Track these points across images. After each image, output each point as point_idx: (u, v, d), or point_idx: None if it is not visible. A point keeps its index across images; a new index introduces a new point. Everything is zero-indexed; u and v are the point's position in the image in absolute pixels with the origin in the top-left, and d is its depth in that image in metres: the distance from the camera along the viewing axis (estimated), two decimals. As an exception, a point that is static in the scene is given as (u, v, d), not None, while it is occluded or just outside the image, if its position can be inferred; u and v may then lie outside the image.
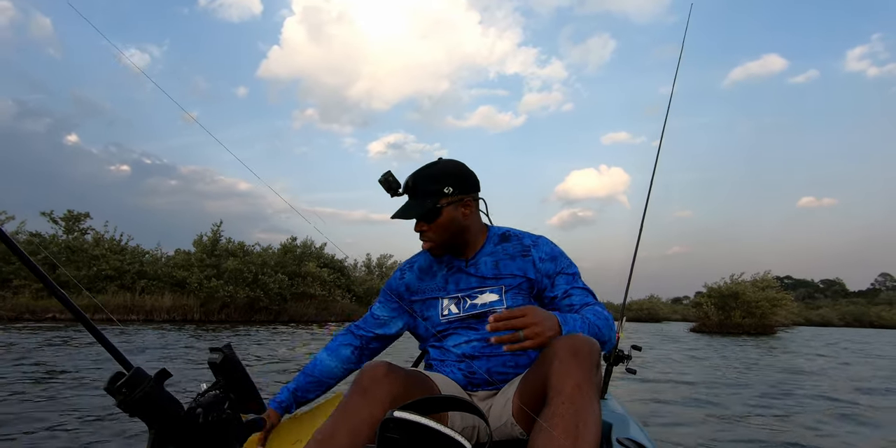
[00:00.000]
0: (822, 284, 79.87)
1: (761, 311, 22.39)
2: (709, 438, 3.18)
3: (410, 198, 1.34)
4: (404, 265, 1.52)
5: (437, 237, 1.34)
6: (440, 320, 1.36)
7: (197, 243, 19.34)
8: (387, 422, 0.71)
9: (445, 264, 1.42)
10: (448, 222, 1.33)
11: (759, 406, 4.38)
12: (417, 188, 1.33)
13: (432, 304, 1.40)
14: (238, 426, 0.92)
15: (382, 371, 1.06)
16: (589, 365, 0.97)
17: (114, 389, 0.77)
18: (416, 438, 0.71)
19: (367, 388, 1.03)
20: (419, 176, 1.33)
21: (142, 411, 0.79)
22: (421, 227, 1.34)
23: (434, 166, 1.35)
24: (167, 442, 0.81)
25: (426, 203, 1.31)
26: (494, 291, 1.34)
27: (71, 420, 3.04)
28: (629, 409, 1.66)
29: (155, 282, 17.76)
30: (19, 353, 6.24)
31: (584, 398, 0.92)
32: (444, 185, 1.32)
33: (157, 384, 0.81)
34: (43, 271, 0.77)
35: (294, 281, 19.89)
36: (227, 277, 18.02)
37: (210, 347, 0.93)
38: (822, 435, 3.33)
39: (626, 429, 1.35)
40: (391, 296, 1.47)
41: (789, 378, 6.34)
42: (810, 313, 46.48)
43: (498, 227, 1.46)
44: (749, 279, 24.45)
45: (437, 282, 1.41)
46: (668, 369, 7.04)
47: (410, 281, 1.46)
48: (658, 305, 47.21)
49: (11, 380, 4.36)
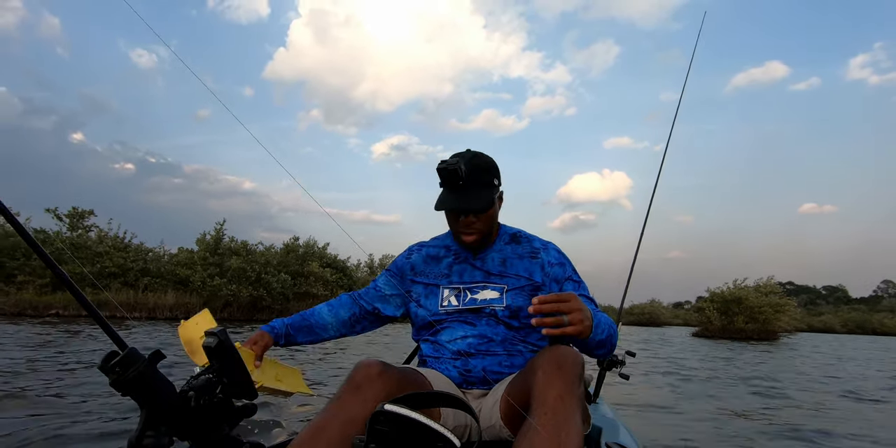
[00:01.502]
0: (825, 291, 79.42)
1: (764, 316, 22.29)
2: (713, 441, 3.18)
3: (463, 188, 1.28)
4: (414, 246, 1.51)
5: (484, 229, 1.33)
6: (438, 310, 1.36)
7: (200, 242, 19.38)
8: (377, 414, 0.72)
9: (453, 254, 1.41)
10: (494, 215, 1.34)
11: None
12: (474, 179, 1.28)
13: (433, 290, 1.39)
14: (229, 410, 0.93)
15: (376, 370, 1.07)
16: (572, 377, 0.98)
17: (107, 368, 0.79)
18: (405, 432, 0.71)
19: (360, 385, 1.05)
20: (474, 165, 1.28)
21: (134, 391, 0.80)
22: (471, 220, 1.30)
23: (478, 157, 1.31)
24: (158, 422, 0.83)
25: (486, 195, 1.29)
26: (496, 289, 1.34)
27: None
28: (624, 412, 1.68)
29: (158, 279, 17.82)
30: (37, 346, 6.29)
31: (566, 409, 0.93)
32: (493, 176, 1.32)
33: (151, 365, 0.82)
34: (52, 260, 0.78)
35: (297, 280, 19.90)
36: (231, 276, 18.05)
37: (206, 331, 0.94)
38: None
39: (615, 433, 1.38)
40: (396, 273, 1.47)
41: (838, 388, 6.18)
42: (812, 320, 46.19)
43: (509, 227, 1.47)
44: (752, 284, 24.34)
45: (441, 268, 1.41)
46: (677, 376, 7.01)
47: (416, 262, 1.45)
48: (659, 310, 46.91)
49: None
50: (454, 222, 1.34)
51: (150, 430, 0.81)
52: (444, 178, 1.28)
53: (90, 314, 0.80)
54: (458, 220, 1.32)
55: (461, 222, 1.31)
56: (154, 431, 0.82)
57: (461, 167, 1.25)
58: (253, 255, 19.48)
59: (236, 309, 18.23)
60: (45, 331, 9.01)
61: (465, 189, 1.28)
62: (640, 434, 1.85)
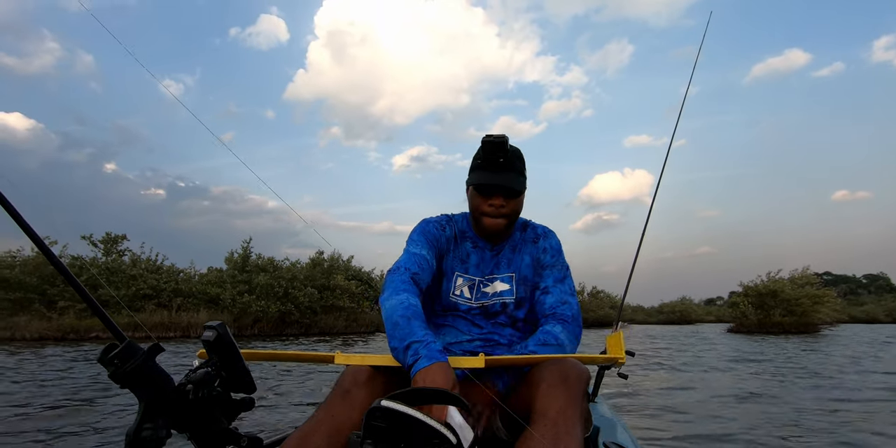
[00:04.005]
0: (865, 279, 76.36)
1: (802, 308, 21.55)
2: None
3: (501, 170, 1.26)
4: (443, 219, 1.42)
5: (511, 215, 1.31)
6: (450, 298, 1.34)
7: (228, 260, 19.79)
8: (373, 410, 0.72)
9: (470, 243, 1.39)
10: (521, 204, 1.33)
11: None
12: (513, 162, 1.27)
13: (449, 274, 1.36)
14: (228, 404, 0.95)
15: (365, 375, 1.08)
16: (576, 391, 0.98)
17: (106, 360, 0.80)
18: (401, 427, 0.72)
19: (349, 391, 1.06)
20: (513, 151, 1.28)
21: (132, 383, 0.82)
22: (500, 202, 1.28)
23: (512, 147, 1.30)
24: (156, 415, 0.84)
25: (522, 180, 1.29)
26: (506, 280, 1.34)
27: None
28: (623, 413, 1.68)
29: (190, 299, 18.22)
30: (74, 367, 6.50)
31: (567, 422, 0.93)
32: (524, 167, 1.32)
33: (149, 358, 0.85)
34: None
35: (323, 294, 20.10)
36: (259, 292, 18.35)
37: (205, 325, 0.96)
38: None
39: (613, 433, 1.39)
40: (433, 243, 1.34)
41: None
42: (854, 310, 44.42)
43: (520, 218, 1.46)
44: (787, 276, 23.58)
45: (461, 251, 1.38)
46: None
47: (450, 236, 1.38)
48: (690, 307, 45.84)
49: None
50: (482, 203, 1.29)
51: (149, 422, 0.83)
52: (489, 152, 1.24)
53: (88, 305, 0.83)
54: (487, 201, 1.28)
55: (489, 203, 1.28)
56: (152, 423, 0.83)
57: (507, 142, 1.23)
58: (279, 270, 19.77)
59: (266, 324, 18.48)
60: (93, 348, 9.35)
61: (504, 169, 1.26)
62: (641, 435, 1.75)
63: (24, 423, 3.32)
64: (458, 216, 1.44)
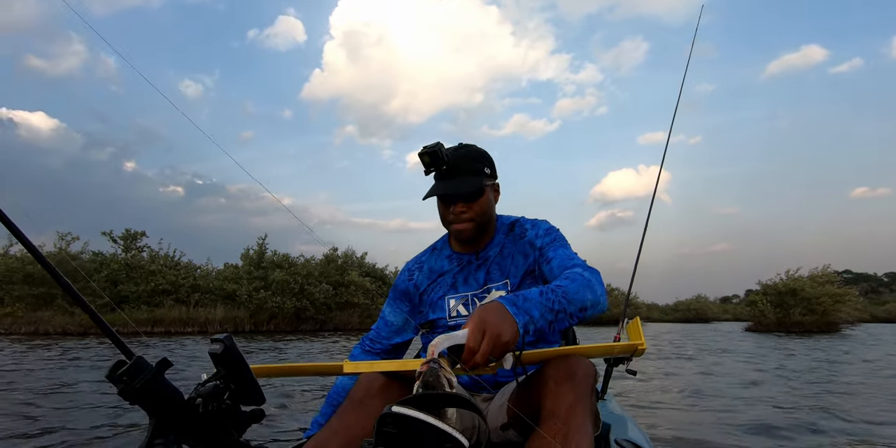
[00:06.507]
0: (887, 278, 74.67)
1: (823, 307, 21.13)
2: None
3: (449, 177, 1.25)
4: (412, 265, 1.45)
5: (477, 218, 1.28)
6: (447, 322, 1.33)
7: (244, 257, 20.02)
8: (384, 416, 0.71)
9: (455, 262, 1.38)
10: (486, 204, 1.30)
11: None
12: (460, 166, 1.26)
13: (440, 305, 1.35)
14: (238, 416, 0.95)
15: (378, 383, 1.06)
16: (584, 388, 0.97)
17: (115, 377, 0.80)
18: (413, 433, 0.71)
19: (362, 401, 1.05)
20: (458, 155, 1.26)
21: (142, 400, 0.82)
22: (461, 208, 1.27)
23: (465, 147, 1.31)
24: (167, 430, 0.84)
25: (475, 181, 1.26)
26: (501, 288, 1.31)
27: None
28: (636, 410, 1.65)
29: (208, 295, 18.49)
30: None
31: (577, 420, 0.91)
32: (483, 165, 1.29)
33: (158, 373, 0.84)
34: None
35: (338, 290, 20.26)
36: (275, 289, 18.55)
37: (211, 338, 0.96)
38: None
39: (624, 430, 1.36)
40: (401, 298, 1.41)
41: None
42: (876, 309, 43.45)
43: (507, 217, 1.43)
44: (806, 274, 23.15)
45: (446, 280, 1.37)
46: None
47: (420, 281, 1.40)
48: (706, 305, 45.18)
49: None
50: (446, 212, 1.30)
51: (159, 438, 0.83)
52: (427, 164, 1.23)
53: (96, 323, 0.83)
54: (448, 209, 1.28)
55: (451, 211, 1.28)
56: (163, 439, 0.83)
57: (442, 149, 1.22)
58: (295, 267, 19.96)
59: (281, 320, 18.70)
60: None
61: (451, 176, 1.25)
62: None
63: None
64: (439, 241, 1.45)
